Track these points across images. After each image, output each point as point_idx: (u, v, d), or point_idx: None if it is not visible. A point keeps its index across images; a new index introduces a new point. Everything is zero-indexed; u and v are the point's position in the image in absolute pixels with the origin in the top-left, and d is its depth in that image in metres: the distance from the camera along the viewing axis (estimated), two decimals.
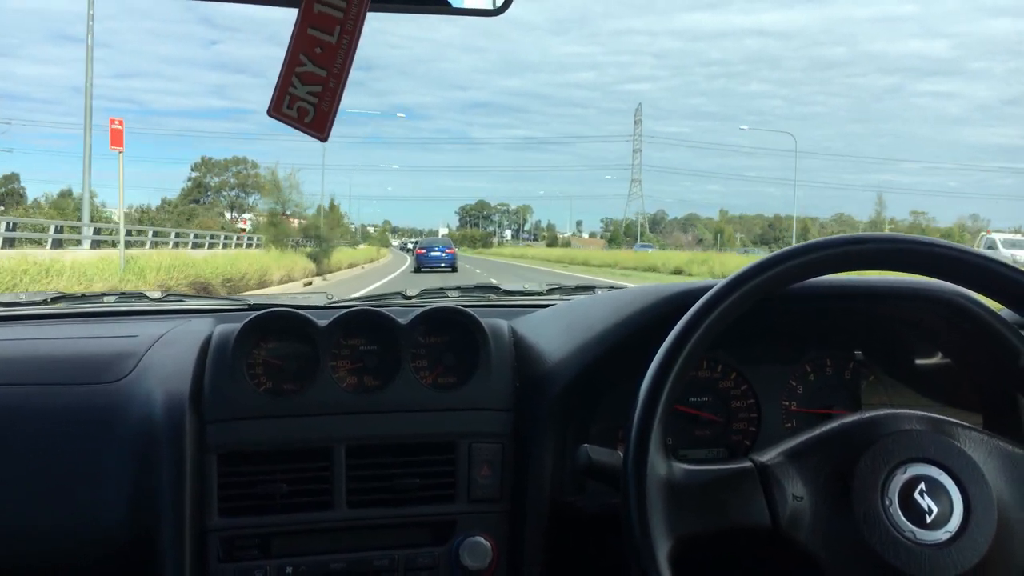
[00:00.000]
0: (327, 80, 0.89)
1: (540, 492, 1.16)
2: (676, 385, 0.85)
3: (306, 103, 0.90)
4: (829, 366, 1.31)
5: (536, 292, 1.83)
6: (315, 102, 0.90)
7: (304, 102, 0.90)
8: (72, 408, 1.16)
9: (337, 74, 0.90)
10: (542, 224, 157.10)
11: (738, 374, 1.29)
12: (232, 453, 1.14)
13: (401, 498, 1.17)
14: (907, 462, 0.84)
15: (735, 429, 1.28)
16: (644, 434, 0.83)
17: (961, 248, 0.90)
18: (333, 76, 0.89)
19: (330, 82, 0.89)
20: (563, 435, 1.18)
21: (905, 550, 0.80)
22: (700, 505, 0.84)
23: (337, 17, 0.89)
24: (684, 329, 0.87)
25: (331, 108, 0.90)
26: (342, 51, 0.89)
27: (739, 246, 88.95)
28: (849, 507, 0.82)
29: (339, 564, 1.14)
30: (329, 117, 0.90)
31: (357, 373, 1.23)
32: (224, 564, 1.12)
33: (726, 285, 0.89)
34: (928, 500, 0.82)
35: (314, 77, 0.89)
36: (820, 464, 0.86)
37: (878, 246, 0.89)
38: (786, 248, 0.91)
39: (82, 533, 1.11)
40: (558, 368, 1.20)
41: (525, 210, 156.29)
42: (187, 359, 1.20)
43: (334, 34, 0.89)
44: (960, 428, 0.87)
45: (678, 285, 1.18)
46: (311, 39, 0.89)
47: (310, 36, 0.89)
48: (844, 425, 0.89)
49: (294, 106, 0.90)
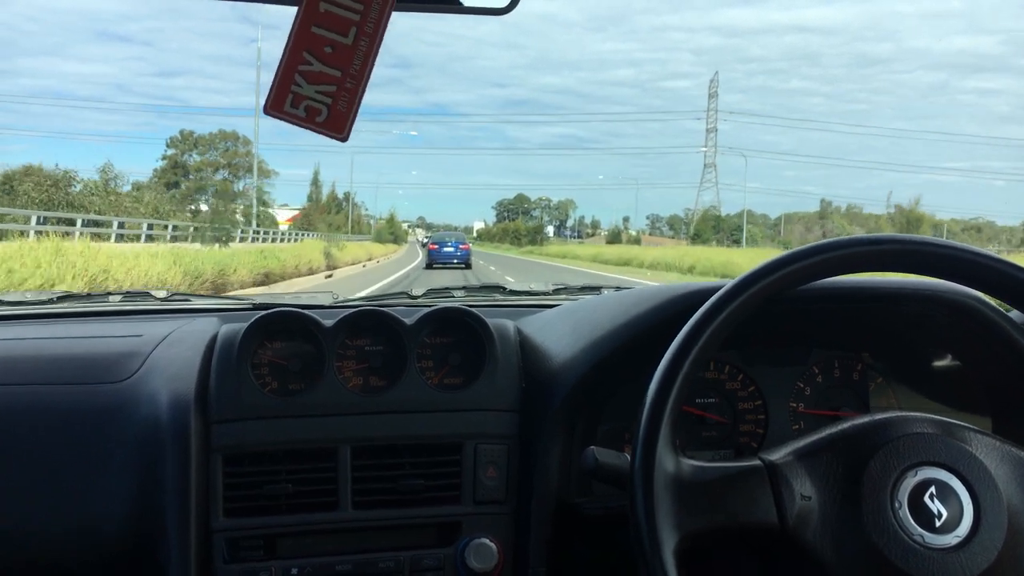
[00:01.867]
0: (343, 80, 0.89)
1: (546, 494, 1.16)
2: (684, 385, 0.85)
3: (317, 102, 0.90)
4: (837, 368, 1.30)
5: (542, 292, 1.83)
6: (328, 102, 0.90)
7: (314, 101, 0.90)
8: (77, 408, 1.16)
9: (356, 75, 0.90)
10: (586, 220, 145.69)
11: (745, 375, 1.28)
12: (237, 453, 1.14)
13: (407, 499, 1.17)
14: (918, 465, 0.83)
15: (742, 431, 1.27)
16: (652, 434, 0.83)
17: (970, 249, 0.90)
18: (351, 77, 0.90)
19: (347, 82, 0.89)
20: (570, 436, 1.18)
21: (914, 554, 0.79)
22: (707, 502, 0.84)
23: (352, 19, 0.89)
24: (693, 329, 0.87)
25: (350, 109, 0.90)
26: (360, 52, 0.89)
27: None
28: (858, 508, 0.82)
29: (345, 566, 1.14)
30: (348, 117, 0.90)
31: (363, 373, 1.23)
32: (229, 565, 1.12)
33: (735, 286, 0.88)
34: (938, 504, 0.81)
35: (325, 77, 0.89)
36: (830, 464, 0.85)
37: (886, 247, 0.89)
38: (795, 249, 0.90)
39: (87, 533, 1.10)
40: (565, 369, 1.19)
41: (568, 204, 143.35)
42: (192, 359, 1.20)
43: (349, 35, 0.89)
44: (971, 432, 0.87)
45: (686, 286, 1.18)
46: (317, 38, 0.89)
47: (315, 35, 0.89)
48: (855, 426, 0.88)
49: (300, 105, 0.90)
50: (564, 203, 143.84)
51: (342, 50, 0.89)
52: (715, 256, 36.85)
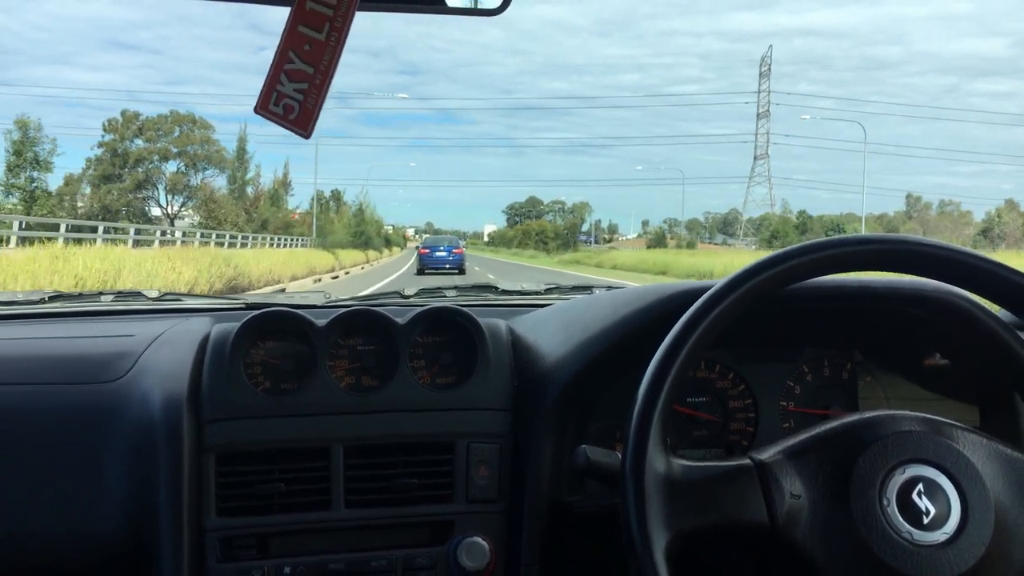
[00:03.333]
0: (313, 77, 0.89)
1: (538, 492, 1.16)
2: (675, 384, 0.85)
3: (292, 100, 0.89)
4: (827, 366, 1.31)
5: (534, 292, 1.84)
6: (300, 99, 0.89)
7: (290, 99, 0.89)
8: (69, 408, 1.16)
9: (324, 71, 0.89)
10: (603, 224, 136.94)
11: (736, 374, 1.29)
12: (230, 453, 1.14)
13: (399, 498, 1.17)
14: (905, 463, 0.84)
15: (733, 429, 1.28)
16: (643, 432, 0.83)
17: (959, 249, 0.90)
18: (320, 73, 0.89)
19: (316, 79, 0.89)
20: (561, 435, 1.18)
21: (902, 551, 0.80)
22: (698, 501, 0.84)
23: (327, 14, 0.88)
24: (684, 328, 0.87)
25: (316, 104, 0.89)
26: (330, 48, 0.89)
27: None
28: (847, 506, 0.82)
29: (337, 564, 1.14)
30: (314, 114, 0.89)
31: (355, 373, 1.23)
32: (222, 564, 1.12)
33: (725, 285, 0.89)
34: (926, 501, 0.82)
35: (301, 74, 0.89)
36: (819, 463, 0.86)
37: (876, 247, 0.90)
38: (786, 248, 0.91)
39: (79, 533, 1.10)
40: (556, 368, 1.20)
41: (583, 208, 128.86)
42: (185, 359, 1.20)
43: (323, 31, 0.88)
44: (959, 430, 0.87)
45: (677, 285, 1.18)
46: (301, 36, 0.88)
47: (299, 33, 0.88)
48: (843, 425, 0.89)
49: (280, 103, 0.89)
50: (579, 206, 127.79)
51: (317, 46, 0.89)
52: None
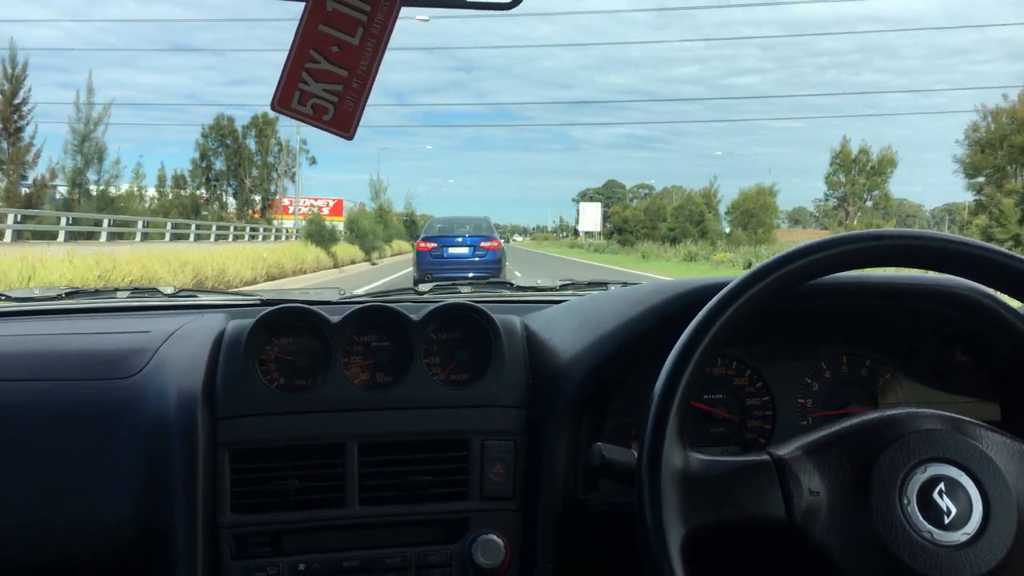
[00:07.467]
0: (350, 80, 0.91)
1: (553, 490, 1.16)
2: (693, 380, 0.85)
3: (323, 101, 0.91)
4: (845, 363, 1.30)
5: (549, 288, 1.83)
6: (335, 101, 0.91)
7: (320, 99, 0.91)
8: (85, 404, 1.16)
9: (363, 75, 0.91)
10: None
11: (753, 372, 1.27)
12: (244, 449, 1.14)
13: (413, 495, 1.17)
14: (927, 462, 0.82)
15: (750, 427, 1.27)
16: (660, 428, 0.83)
17: (977, 244, 0.89)
18: (357, 77, 0.91)
19: (354, 82, 0.91)
20: (576, 432, 1.18)
21: (922, 550, 0.79)
22: (715, 495, 0.83)
23: (359, 19, 0.90)
24: (702, 324, 0.86)
25: (356, 108, 0.92)
26: (367, 52, 0.91)
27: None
28: (866, 504, 0.81)
29: (352, 562, 1.14)
30: (354, 116, 0.92)
31: (369, 369, 1.23)
32: (236, 561, 1.12)
33: (743, 281, 0.88)
34: (947, 501, 0.81)
35: (332, 76, 0.91)
36: (838, 460, 0.85)
37: (896, 242, 0.88)
38: (803, 244, 0.90)
39: (94, 529, 1.11)
40: (571, 364, 1.19)
41: (676, 191, 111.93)
42: (200, 355, 1.20)
43: (356, 35, 0.91)
44: (981, 429, 0.86)
45: (693, 281, 1.17)
46: (325, 37, 0.90)
47: (323, 33, 0.90)
48: (864, 422, 0.88)
49: (307, 102, 0.91)
50: (669, 190, 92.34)
51: (349, 50, 0.91)
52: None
